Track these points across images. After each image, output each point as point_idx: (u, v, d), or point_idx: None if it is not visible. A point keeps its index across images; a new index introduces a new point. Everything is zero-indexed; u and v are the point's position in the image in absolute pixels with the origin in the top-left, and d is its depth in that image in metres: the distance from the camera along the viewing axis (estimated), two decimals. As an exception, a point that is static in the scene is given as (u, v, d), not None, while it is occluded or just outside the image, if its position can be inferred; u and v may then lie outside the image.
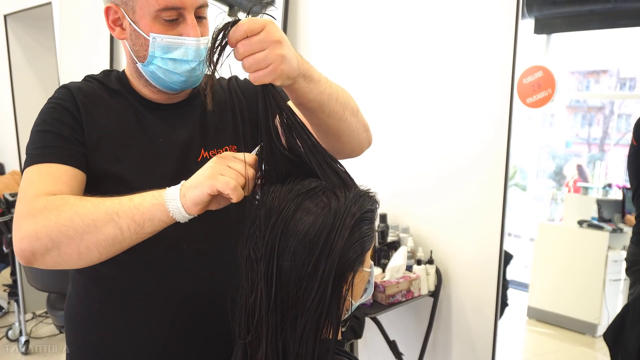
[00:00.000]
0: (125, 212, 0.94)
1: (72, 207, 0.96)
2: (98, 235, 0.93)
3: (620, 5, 2.39)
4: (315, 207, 0.90)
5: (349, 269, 0.90)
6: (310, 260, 0.88)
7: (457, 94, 2.42)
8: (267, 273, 0.90)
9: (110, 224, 0.93)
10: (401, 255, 2.37)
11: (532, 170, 3.54)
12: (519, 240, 3.56)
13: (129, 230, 0.94)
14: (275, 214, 0.91)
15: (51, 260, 0.96)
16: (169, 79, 1.14)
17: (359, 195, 0.94)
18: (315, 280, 0.88)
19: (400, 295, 2.31)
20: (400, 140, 2.61)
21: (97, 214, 0.94)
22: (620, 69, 3.49)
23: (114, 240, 0.94)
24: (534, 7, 2.48)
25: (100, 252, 0.95)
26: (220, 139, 1.25)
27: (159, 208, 0.94)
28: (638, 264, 2.41)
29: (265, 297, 0.90)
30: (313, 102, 1.04)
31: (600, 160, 3.79)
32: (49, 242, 0.94)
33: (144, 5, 1.07)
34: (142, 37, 1.10)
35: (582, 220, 2.96)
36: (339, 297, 0.90)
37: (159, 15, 1.07)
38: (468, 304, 2.47)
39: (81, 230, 0.93)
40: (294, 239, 0.88)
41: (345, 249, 0.89)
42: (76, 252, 0.94)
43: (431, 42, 2.48)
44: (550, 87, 2.23)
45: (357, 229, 0.91)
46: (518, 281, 3.19)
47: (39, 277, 2.99)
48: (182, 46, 1.10)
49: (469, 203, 2.41)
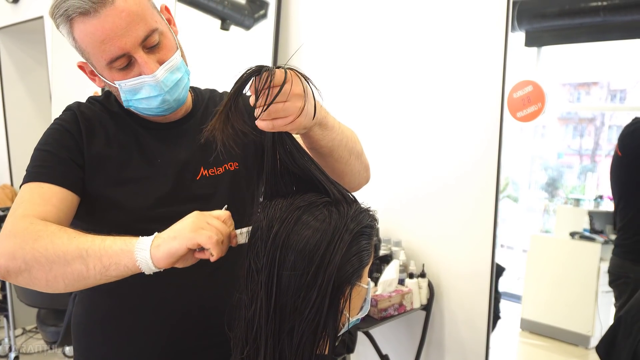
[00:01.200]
0: (95, 252, 0.95)
1: (50, 236, 0.98)
2: (65, 268, 0.95)
3: (609, 18, 2.41)
4: (315, 221, 0.92)
5: (346, 282, 0.92)
6: (309, 271, 0.89)
7: (447, 107, 2.43)
8: (268, 283, 0.92)
9: (78, 260, 0.95)
10: (393, 269, 2.37)
11: (524, 182, 3.54)
12: (511, 252, 3.56)
13: (94, 269, 0.95)
14: (277, 224, 0.93)
15: (23, 281, 0.99)
16: (151, 111, 1.17)
17: (359, 211, 0.97)
18: (313, 290, 0.89)
19: (393, 309, 2.30)
20: (392, 154, 2.62)
21: (68, 248, 0.96)
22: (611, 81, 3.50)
23: (79, 276, 0.96)
24: (524, 20, 2.49)
25: (66, 283, 0.98)
26: (221, 158, 1.24)
27: (127, 255, 0.94)
28: (623, 276, 2.41)
29: (265, 306, 0.91)
30: (324, 148, 1.08)
31: (591, 171, 3.80)
32: (22, 264, 0.96)
33: (97, 62, 1.11)
34: (112, 86, 1.14)
35: (574, 231, 2.96)
36: (336, 309, 0.92)
37: (112, 67, 1.09)
38: (460, 317, 2.46)
39: (51, 260, 0.95)
40: (294, 250, 0.90)
41: (343, 262, 0.91)
42: (44, 278, 0.97)
43: (422, 57, 2.50)
44: (540, 101, 2.24)
45: (356, 243, 0.94)
46: (511, 293, 3.18)
47: (29, 292, 2.97)
48: (144, 85, 1.12)
49: (460, 216, 2.41)
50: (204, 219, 0.96)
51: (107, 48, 1.06)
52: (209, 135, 0.92)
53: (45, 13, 4.15)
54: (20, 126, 4.59)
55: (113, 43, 1.06)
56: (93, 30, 1.05)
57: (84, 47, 1.09)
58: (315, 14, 2.87)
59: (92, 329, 1.26)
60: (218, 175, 1.26)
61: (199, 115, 1.29)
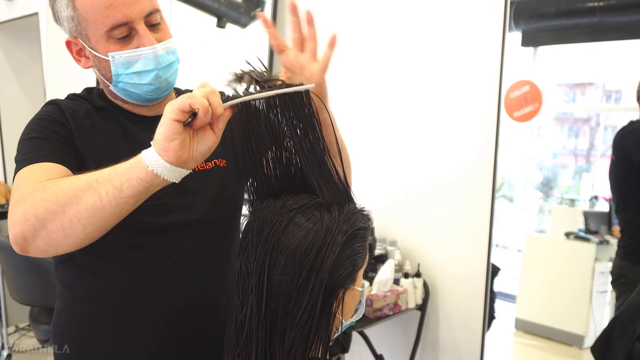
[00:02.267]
0: (104, 178, 0.91)
1: (56, 183, 0.94)
2: (79, 205, 0.90)
3: (606, 19, 2.42)
4: (306, 222, 0.91)
5: (339, 286, 0.91)
6: (300, 275, 0.88)
7: (444, 107, 2.42)
8: (258, 286, 0.90)
9: (89, 192, 0.91)
10: (389, 269, 2.36)
11: (520, 182, 3.55)
12: (506, 252, 3.57)
13: (107, 195, 0.90)
14: (268, 227, 0.91)
15: (42, 242, 0.94)
16: (140, 90, 1.14)
17: (352, 212, 0.95)
18: (305, 294, 0.88)
19: (388, 309, 2.30)
20: (387, 153, 2.61)
21: (77, 185, 0.92)
22: (606, 81, 3.51)
23: (94, 209, 0.91)
24: (521, 20, 2.49)
25: (83, 224, 0.92)
26: None
27: (136, 165, 0.91)
28: (623, 276, 2.43)
29: (256, 310, 0.90)
30: (326, 119, 1.10)
31: (586, 171, 3.80)
32: (35, 221, 0.92)
33: (95, 31, 1.09)
34: (103, 60, 1.12)
35: (569, 232, 2.97)
36: (328, 313, 0.90)
37: (110, 35, 1.09)
38: (455, 317, 2.46)
39: (62, 203, 0.91)
40: (284, 253, 0.89)
41: (335, 265, 0.89)
42: (60, 227, 0.92)
43: (419, 56, 2.49)
44: (537, 101, 2.24)
45: (349, 246, 0.92)
46: (506, 293, 3.19)
47: (22, 290, 2.96)
48: (140, 58, 1.11)
49: (456, 216, 2.41)
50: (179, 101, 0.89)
51: (111, 13, 1.06)
52: None
53: (40, 9, 4.13)
54: (14, 123, 4.56)
55: (119, 9, 1.06)
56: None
57: (84, 14, 1.08)
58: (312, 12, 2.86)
59: (80, 335, 1.22)
60: (207, 170, 1.25)
61: None
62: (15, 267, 2.90)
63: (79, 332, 1.22)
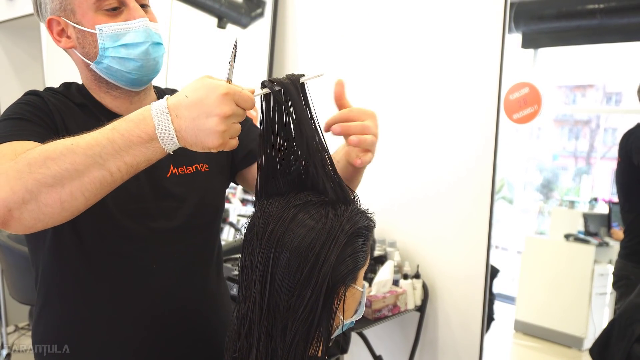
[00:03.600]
0: (110, 154, 0.86)
1: (43, 152, 0.86)
2: (82, 179, 0.85)
3: (606, 21, 2.42)
4: (310, 219, 0.92)
5: (340, 283, 0.92)
6: (303, 269, 0.89)
7: (444, 108, 2.43)
8: (262, 280, 0.91)
9: (94, 168, 0.85)
10: (388, 270, 2.37)
11: (519, 183, 3.55)
12: (506, 253, 3.57)
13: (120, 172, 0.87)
14: (273, 222, 0.92)
15: (30, 215, 0.85)
16: (125, 67, 1.11)
17: (356, 212, 0.96)
18: (307, 289, 0.89)
19: (387, 310, 2.30)
20: (387, 154, 2.61)
21: (75, 158, 0.85)
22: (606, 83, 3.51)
23: (102, 183, 0.86)
24: (521, 22, 2.50)
25: (87, 197, 0.86)
26: (191, 157, 1.21)
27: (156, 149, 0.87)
28: (625, 278, 2.43)
29: (259, 303, 0.91)
30: (354, 182, 1.20)
31: (586, 173, 3.81)
32: (25, 194, 0.83)
33: (82, 2, 1.07)
34: (89, 34, 1.09)
35: (569, 234, 2.97)
36: (330, 309, 0.92)
37: (99, 6, 1.07)
38: (454, 318, 2.46)
39: (60, 177, 0.84)
40: (288, 248, 0.90)
41: (338, 263, 0.91)
42: (58, 201, 0.85)
43: (419, 57, 2.49)
44: (536, 103, 2.24)
45: (351, 244, 0.93)
46: (505, 294, 3.19)
47: (22, 289, 2.95)
48: (130, 30, 1.09)
49: (456, 217, 2.41)
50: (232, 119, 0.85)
51: None
52: None
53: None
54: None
55: None
56: None
57: None
58: (312, 14, 2.87)
59: (57, 339, 1.16)
60: (188, 174, 1.23)
61: None
62: (15, 267, 2.90)
63: (56, 336, 1.17)
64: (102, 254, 1.13)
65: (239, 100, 0.85)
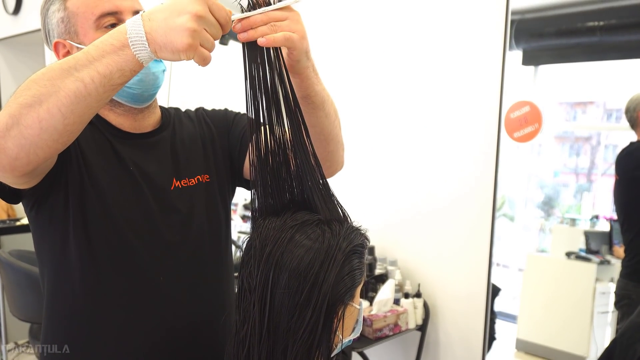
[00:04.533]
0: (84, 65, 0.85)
1: (27, 81, 0.87)
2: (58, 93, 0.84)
3: (606, 39, 2.43)
4: (307, 239, 0.92)
5: (339, 301, 0.92)
6: (302, 290, 0.89)
7: (445, 126, 2.43)
8: (261, 302, 0.91)
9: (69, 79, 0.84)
10: (389, 289, 2.36)
11: (521, 200, 3.55)
12: (507, 271, 3.56)
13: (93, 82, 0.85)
14: (270, 244, 0.92)
15: (13, 142, 0.84)
16: (134, 84, 1.13)
17: (351, 230, 0.96)
18: (307, 309, 0.89)
19: (388, 329, 2.29)
20: (389, 173, 2.62)
21: (52, 74, 0.85)
22: (607, 100, 3.52)
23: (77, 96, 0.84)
24: (521, 39, 2.51)
25: (64, 113, 0.84)
26: (192, 169, 1.25)
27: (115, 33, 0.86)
28: (627, 297, 2.42)
29: (258, 326, 0.91)
30: (318, 95, 1.07)
31: (587, 191, 3.81)
32: (8, 119, 0.84)
33: (84, 22, 1.10)
34: None
35: (570, 251, 2.97)
36: (329, 329, 0.91)
37: (99, 25, 1.10)
38: (456, 337, 2.45)
39: (38, 94, 0.84)
40: (287, 269, 0.90)
41: (336, 281, 0.90)
42: (37, 120, 0.83)
43: (420, 75, 2.50)
44: (537, 121, 2.25)
45: (348, 262, 0.93)
46: (507, 313, 3.18)
47: (22, 307, 2.95)
48: None
49: (457, 236, 2.41)
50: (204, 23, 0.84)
51: (101, 3, 1.10)
52: None
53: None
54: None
55: (108, 1, 1.10)
56: None
57: (74, 10, 1.11)
58: (314, 29, 2.88)
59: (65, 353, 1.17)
60: (191, 186, 1.24)
61: (171, 129, 1.28)
62: (16, 284, 2.90)
63: (64, 350, 1.17)
64: (110, 267, 1.13)
65: (213, 6, 0.84)
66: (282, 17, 0.91)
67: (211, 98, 1.19)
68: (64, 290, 1.16)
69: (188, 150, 1.27)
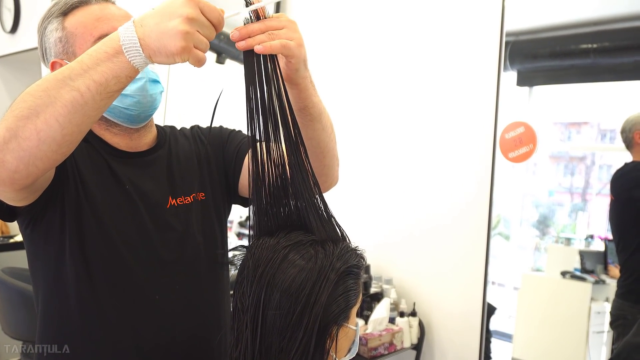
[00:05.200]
0: (79, 74, 0.86)
1: (22, 94, 0.88)
2: (55, 104, 0.84)
3: (599, 60, 2.46)
4: (300, 259, 0.92)
5: (332, 322, 0.91)
6: (294, 310, 0.88)
7: (440, 146, 2.44)
8: (253, 322, 0.91)
9: (65, 89, 0.85)
10: (384, 307, 2.36)
11: (516, 219, 3.54)
12: (503, 289, 3.55)
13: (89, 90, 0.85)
14: (263, 264, 0.92)
15: (12, 155, 0.84)
16: (122, 103, 1.13)
17: (346, 250, 0.96)
18: (299, 330, 0.88)
19: (383, 348, 2.28)
20: (384, 192, 2.62)
21: (47, 85, 0.85)
22: (601, 121, 3.55)
23: (74, 105, 0.85)
24: (516, 61, 2.54)
25: (61, 123, 0.84)
26: (188, 187, 1.26)
27: (109, 41, 0.87)
28: (622, 317, 2.42)
29: (250, 346, 0.90)
30: (316, 107, 1.09)
31: (582, 210, 3.81)
32: (5, 132, 0.84)
33: (82, 43, 1.12)
34: None
35: (565, 271, 2.96)
36: (322, 350, 0.91)
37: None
38: (451, 356, 2.44)
39: (34, 105, 0.84)
40: (279, 289, 0.90)
41: (329, 302, 0.90)
42: (34, 131, 0.84)
43: (415, 95, 2.52)
44: (531, 142, 2.26)
45: (342, 283, 0.93)
46: (502, 332, 3.16)
47: (14, 325, 2.92)
48: None
49: (452, 255, 2.41)
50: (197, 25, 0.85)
51: (100, 25, 1.12)
52: None
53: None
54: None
55: (108, 22, 1.12)
56: (91, 11, 1.12)
57: (72, 30, 1.12)
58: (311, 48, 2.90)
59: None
60: (187, 204, 1.25)
61: (167, 147, 1.29)
62: (8, 302, 2.88)
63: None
64: (105, 285, 1.14)
65: (204, 7, 0.85)
66: (280, 26, 0.93)
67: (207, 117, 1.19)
68: (58, 308, 1.16)
69: (184, 169, 1.28)
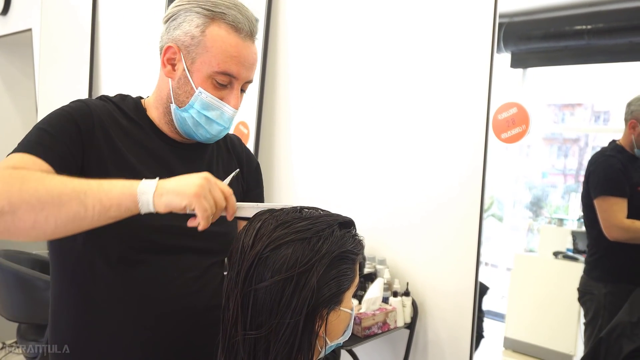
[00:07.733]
0: (94, 194, 0.94)
1: (38, 179, 0.95)
2: (60, 208, 0.92)
3: (594, 42, 2.46)
4: (296, 241, 0.93)
5: (323, 306, 0.92)
6: (284, 291, 0.90)
7: (433, 127, 2.45)
8: (245, 301, 0.92)
9: (74, 201, 0.93)
10: (377, 287, 2.37)
11: (509, 201, 3.56)
12: (496, 270, 3.57)
13: (93, 210, 0.94)
14: (258, 243, 0.93)
15: (1, 226, 0.92)
16: (196, 129, 1.20)
17: (342, 235, 0.98)
18: (288, 311, 0.90)
19: (377, 327, 2.30)
20: (377, 173, 2.63)
21: (64, 190, 0.93)
22: (595, 102, 3.55)
23: (75, 217, 0.93)
24: (510, 42, 2.53)
25: (57, 224, 0.93)
26: None
27: (130, 198, 0.96)
28: (589, 292, 2.49)
29: (241, 323, 0.92)
30: None
31: (575, 192, 3.82)
32: (6, 205, 0.91)
33: (205, 62, 1.15)
34: (190, 87, 1.17)
35: (558, 251, 2.99)
36: (311, 331, 0.92)
37: (213, 76, 1.16)
38: (444, 336, 2.47)
39: (43, 201, 0.91)
40: (270, 269, 0.91)
41: (320, 285, 0.91)
42: (32, 220, 0.92)
43: (408, 77, 2.52)
44: (524, 123, 2.27)
45: (335, 266, 0.94)
46: (495, 312, 3.18)
47: (10, 307, 2.93)
48: (221, 109, 1.18)
49: (445, 235, 2.43)
50: (209, 187, 0.98)
51: (230, 62, 1.15)
52: None
53: (34, 25, 4.13)
54: (5, 138, 4.54)
55: (238, 65, 1.16)
56: (234, 44, 1.15)
57: (208, 44, 1.15)
58: (303, 47, 2.89)
59: (73, 340, 1.22)
60: None
61: (213, 146, 1.36)
62: (3, 284, 2.88)
63: (72, 335, 1.23)
64: (127, 261, 1.18)
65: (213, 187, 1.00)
66: None
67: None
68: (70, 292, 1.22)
69: (222, 172, 1.35)
